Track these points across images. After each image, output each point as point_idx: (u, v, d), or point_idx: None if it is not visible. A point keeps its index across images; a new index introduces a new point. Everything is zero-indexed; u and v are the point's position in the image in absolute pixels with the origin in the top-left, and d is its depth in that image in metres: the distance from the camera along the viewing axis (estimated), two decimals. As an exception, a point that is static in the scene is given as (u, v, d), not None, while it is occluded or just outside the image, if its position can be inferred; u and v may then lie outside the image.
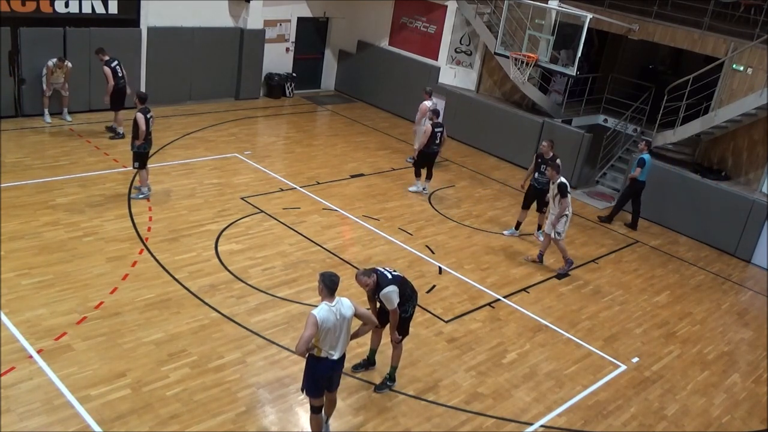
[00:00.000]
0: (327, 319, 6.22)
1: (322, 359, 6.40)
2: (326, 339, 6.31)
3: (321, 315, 6.19)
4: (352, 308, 6.48)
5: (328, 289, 6.30)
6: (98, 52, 13.93)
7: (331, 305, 6.29)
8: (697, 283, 12.20)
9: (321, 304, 6.30)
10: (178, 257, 9.99)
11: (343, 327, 6.38)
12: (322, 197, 12.92)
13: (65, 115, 14.54)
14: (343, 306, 6.38)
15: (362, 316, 6.64)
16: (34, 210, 10.66)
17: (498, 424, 7.71)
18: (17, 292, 8.53)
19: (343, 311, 6.36)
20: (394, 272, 7.51)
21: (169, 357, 7.84)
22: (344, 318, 6.36)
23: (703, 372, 9.49)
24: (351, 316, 6.45)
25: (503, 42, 15.77)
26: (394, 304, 7.33)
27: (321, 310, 6.24)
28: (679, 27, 14.73)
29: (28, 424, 6.57)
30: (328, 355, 6.39)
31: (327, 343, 6.33)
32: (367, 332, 7.04)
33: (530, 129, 16.16)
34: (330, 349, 6.38)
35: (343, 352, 6.52)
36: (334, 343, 6.36)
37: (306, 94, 19.77)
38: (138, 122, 11.18)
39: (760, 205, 13.15)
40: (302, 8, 18.91)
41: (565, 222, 11.19)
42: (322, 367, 6.44)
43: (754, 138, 14.16)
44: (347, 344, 6.56)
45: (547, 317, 10.10)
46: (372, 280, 7.31)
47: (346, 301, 6.47)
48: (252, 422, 7.11)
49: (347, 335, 6.50)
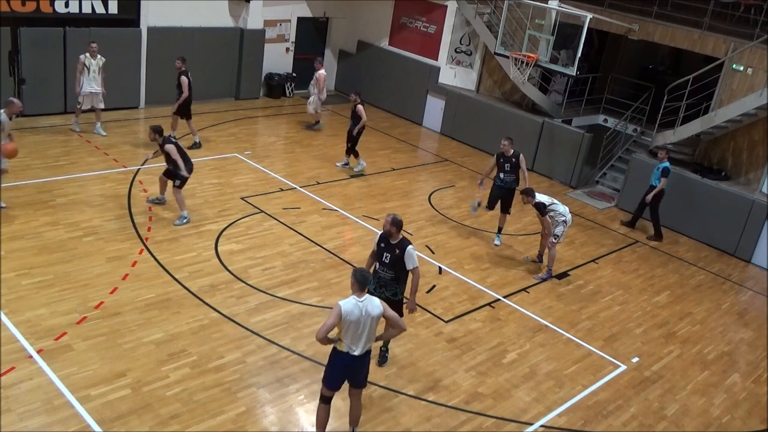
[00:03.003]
0: (351, 313, 6.27)
1: (342, 353, 6.47)
2: (348, 332, 6.36)
3: (346, 307, 6.27)
4: (381, 308, 6.45)
5: (358, 283, 6.38)
6: (180, 60, 13.61)
7: (359, 300, 6.35)
8: (697, 283, 12.20)
9: (349, 297, 6.38)
10: (178, 257, 9.99)
11: (367, 324, 6.38)
12: (322, 197, 12.92)
13: (99, 129, 14.06)
14: (371, 304, 6.40)
15: (391, 319, 6.59)
16: (34, 210, 10.66)
17: (498, 424, 7.71)
18: (17, 292, 8.53)
19: (370, 309, 6.38)
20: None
21: (169, 357, 7.84)
22: (369, 315, 6.37)
23: (703, 372, 9.49)
24: (378, 315, 6.43)
25: (503, 42, 15.78)
26: (416, 262, 7.71)
27: (347, 302, 6.31)
28: (679, 27, 14.74)
29: (28, 424, 6.57)
30: (349, 350, 6.43)
31: (348, 336, 6.38)
32: (394, 336, 6.95)
33: (530, 129, 16.16)
34: (351, 344, 6.42)
35: (365, 350, 6.53)
36: (356, 338, 6.39)
37: (306, 94, 19.68)
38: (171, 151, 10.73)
39: (760, 205, 13.15)
40: (302, 8, 18.91)
41: (564, 228, 11.11)
42: (341, 361, 6.51)
43: (754, 138, 14.16)
44: (371, 343, 6.56)
45: (547, 317, 10.10)
46: (395, 231, 7.57)
47: (377, 300, 6.49)
48: (252, 422, 7.11)
49: (371, 333, 6.50)
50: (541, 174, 16.18)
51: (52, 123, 14.34)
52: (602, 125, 17.06)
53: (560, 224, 10.98)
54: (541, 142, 16.13)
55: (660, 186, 13.22)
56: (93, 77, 13.49)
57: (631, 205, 14.40)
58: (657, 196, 13.33)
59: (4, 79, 13.95)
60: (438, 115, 18.25)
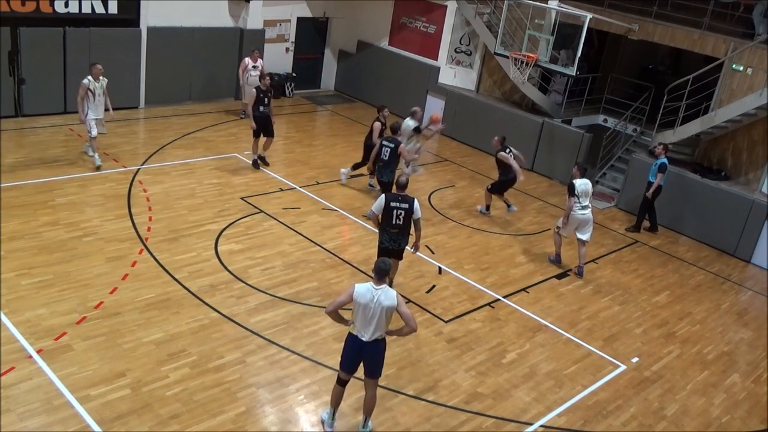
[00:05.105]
0: (362, 295, 6.46)
1: (353, 336, 6.68)
2: (358, 316, 6.55)
3: (359, 289, 6.49)
4: (395, 301, 6.54)
5: (377, 272, 6.52)
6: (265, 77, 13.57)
7: (375, 287, 6.50)
8: (696, 283, 12.20)
9: (368, 282, 6.55)
10: (178, 257, 9.99)
11: (377, 312, 6.49)
12: (321, 197, 12.92)
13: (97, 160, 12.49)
14: (385, 294, 6.51)
15: (404, 315, 6.62)
16: (34, 210, 10.66)
17: (498, 424, 7.71)
18: (17, 292, 8.53)
19: (383, 299, 6.48)
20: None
21: (169, 357, 7.84)
22: (381, 305, 6.47)
23: (703, 372, 9.49)
24: (389, 306, 6.51)
25: (503, 42, 15.78)
26: (419, 213, 9.07)
27: (362, 285, 6.53)
28: (679, 27, 14.74)
29: (28, 424, 6.57)
30: (359, 333, 6.61)
31: (358, 320, 6.57)
32: (406, 335, 6.96)
33: (530, 129, 16.17)
34: (361, 328, 6.59)
35: (374, 338, 6.62)
36: (364, 323, 6.56)
37: (306, 94, 19.78)
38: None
39: (760, 205, 13.15)
40: (302, 8, 18.92)
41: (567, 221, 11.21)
42: (351, 343, 6.74)
43: (754, 138, 14.16)
44: (381, 332, 6.64)
45: (547, 317, 10.10)
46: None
47: (393, 293, 6.57)
48: (252, 422, 7.11)
49: (382, 323, 6.58)
50: (540, 174, 16.18)
51: (52, 123, 14.34)
52: (602, 125, 17.05)
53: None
54: (540, 142, 16.13)
55: (657, 182, 13.23)
56: (99, 102, 12.16)
57: (631, 205, 14.40)
58: (655, 192, 13.34)
59: (4, 79, 13.95)
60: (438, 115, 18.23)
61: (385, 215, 9.02)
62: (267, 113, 13.46)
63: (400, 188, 9.10)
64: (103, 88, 12.14)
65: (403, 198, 9.02)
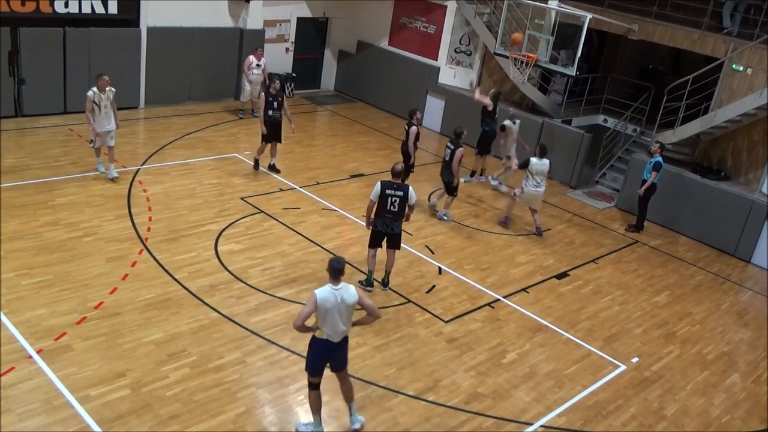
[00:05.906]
0: (326, 300, 6.42)
1: (322, 340, 6.62)
2: (326, 320, 6.50)
3: (321, 294, 6.43)
4: (356, 296, 6.60)
5: (332, 271, 6.51)
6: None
7: (333, 288, 6.48)
8: (696, 283, 12.20)
9: (325, 285, 6.51)
10: (178, 257, 9.99)
11: (343, 312, 6.52)
12: (321, 197, 12.92)
13: (112, 172, 12.14)
14: (346, 292, 6.53)
15: (366, 307, 6.73)
16: (34, 210, 10.66)
17: (498, 424, 7.71)
18: (17, 292, 8.53)
19: (346, 297, 6.51)
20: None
21: (169, 357, 7.84)
22: (345, 303, 6.50)
23: (703, 372, 9.49)
24: (353, 303, 6.57)
25: (503, 42, 15.77)
26: (415, 199, 9.49)
27: (323, 290, 6.46)
28: (679, 27, 14.74)
29: (28, 424, 6.57)
30: (329, 337, 6.58)
31: (327, 324, 6.52)
32: (370, 323, 7.11)
33: (530, 129, 16.15)
34: (330, 332, 6.56)
35: (343, 337, 6.68)
36: (333, 325, 6.53)
37: (306, 94, 19.78)
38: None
39: (759, 205, 13.15)
40: (302, 8, 18.92)
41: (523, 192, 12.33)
42: (321, 348, 6.67)
43: (754, 138, 14.16)
44: (348, 329, 6.70)
45: (547, 317, 10.10)
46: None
47: (352, 288, 6.61)
48: (252, 422, 7.11)
49: (348, 320, 6.65)
50: (540, 174, 16.17)
51: (52, 123, 14.34)
52: (602, 125, 17.05)
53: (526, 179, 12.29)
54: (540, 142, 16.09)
55: (650, 180, 13.22)
56: (105, 113, 11.66)
57: (631, 205, 14.40)
58: (648, 189, 13.34)
59: (4, 79, 13.95)
60: (438, 115, 18.25)
61: (380, 201, 9.42)
62: (277, 118, 13.31)
63: (395, 176, 9.45)
64: (109, 99, 11.65)
65: (398, 186, 9.41)
